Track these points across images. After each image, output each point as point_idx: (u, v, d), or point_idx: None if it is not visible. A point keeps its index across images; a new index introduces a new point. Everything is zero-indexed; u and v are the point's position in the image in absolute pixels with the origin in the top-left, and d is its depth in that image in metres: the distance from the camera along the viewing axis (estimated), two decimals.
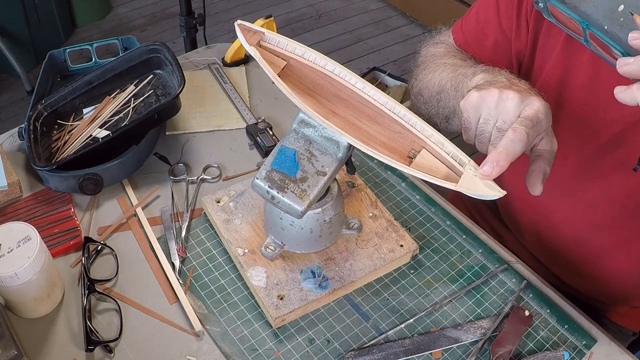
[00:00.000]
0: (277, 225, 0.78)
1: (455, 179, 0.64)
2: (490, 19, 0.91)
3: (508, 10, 0.87)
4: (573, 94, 0.82)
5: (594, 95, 0.79)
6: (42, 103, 0.97)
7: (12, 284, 0.69)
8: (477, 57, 0.92)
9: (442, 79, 0.87)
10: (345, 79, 0.72)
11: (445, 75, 0.87)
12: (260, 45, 0.72)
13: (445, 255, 0.86)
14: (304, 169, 0.71)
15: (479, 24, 0.93)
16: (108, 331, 0.74)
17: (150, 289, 0.79)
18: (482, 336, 0.75)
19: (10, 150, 0.96)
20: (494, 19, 0.90)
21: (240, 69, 1.15)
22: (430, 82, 0.90)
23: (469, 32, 0.94)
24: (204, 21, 1.83)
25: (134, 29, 2.82)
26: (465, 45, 0.94)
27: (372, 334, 0.76)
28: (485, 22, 0.92)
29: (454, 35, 0.97)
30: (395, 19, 2.99)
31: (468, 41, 0.94)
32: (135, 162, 0.94)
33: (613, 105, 0.75)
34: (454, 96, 0.82)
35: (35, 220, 0.84)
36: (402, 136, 0.69)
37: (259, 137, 0.99)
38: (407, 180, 0.95)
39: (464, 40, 0.94)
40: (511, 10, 0.87)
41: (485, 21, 0.91)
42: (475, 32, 0.93)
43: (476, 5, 0.95)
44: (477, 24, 0.93)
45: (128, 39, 1.14)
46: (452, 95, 0.83)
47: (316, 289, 0.77)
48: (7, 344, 0.67)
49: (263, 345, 0.74)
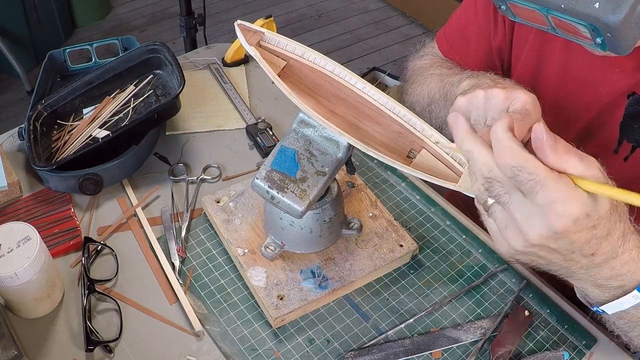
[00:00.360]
0: (277, 225, 0.78)
1: (455, 179, 0.64)
2: (470, 22, 0.92)
3: (485, 10, 0.88)
4: (548, 82, 0.82)
5: (569, 80, 0.79)
6: (42, 103, 0.97)
7: (12, 284, 0.69)
8: (463, 62, 0.93)
9: (430, 90, 0.88)
10: (345, 79, 0.72)
11: (433, 86, 0.87)
12: (260, 45, 0.72)
13: (445, 255, 0.86)
14: (303, 169, 0.71)
15: (460, 30, 0.94)
16: (108, 331, 0.74)
17: (150, 289, 0.79)
18: (482, 336, 0.75)
19: (10, 150, 0.96)
20: (474, 22, 0.91)
21: (240, 69, 1.15)
22: (420, 95, 0.91)
23: (452, 38, 0.95)
24: (204, 21, 1.83)
25: (134, 29, 2.82)
26: (449, 53, 0.96)
27: (372, 334, 0.76)
28: (465, 27, 0.93)
29: (438, 44, 0.98)
30: (395, 19, 2.99)
31: (452, 48, 0.95)
32: (135, 162, 0.94)
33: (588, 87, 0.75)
34: (443, 105, 0.83)
35: (35, 220, 0.84)
36: (402, 136, 0.69)
37: (259, 137, 0.99)
38: (407, 180, 0.95)
39: (449, 47, 0.96)
40: (487, 9, 0.87)
41: (466, 25, 0.93)
42: (457, 38, 0.95)
43: (457, 12, 0.96)
44: (458, 29, 0.95)
45: (128, 39, 1.14)
46: (442, 105, 0.83)
47: (316, 289, 0.77)
48: (7, 344, 0.67)
49: (263, 345, 0.74)
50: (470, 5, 0.92)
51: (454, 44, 0.95)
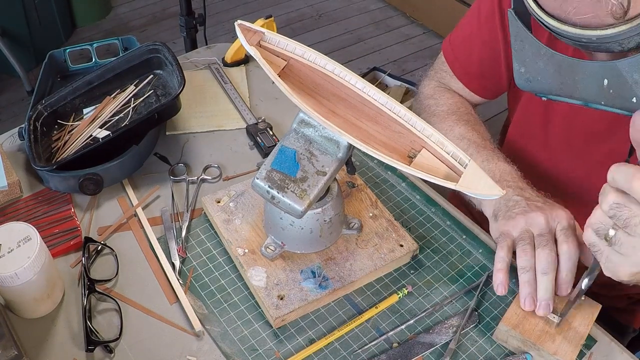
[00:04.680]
0: (277, 225, 0.78)
1: (456, 179, 0.64)
2: (473, 34, 0.93)
3: (488, 21, 0.89)
4: None
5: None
6: (42, 103, 0.97)
7: (12, 284, 0.69)
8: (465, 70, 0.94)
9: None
10: (345, 78, 0.72)
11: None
12: (261, 45, 0.72)
13: (446, 255, 0.86)
14: (304, 169, 0.71)
15: (464, 40, 0.95)
16: (108, 331, 0.74)
17: (151, 289, 0.79)
18: (454, 335, 0.76)
19: (10, 150, 0.96)
20: (477, 33, 0.92)
21: (241, 69, 1.15)
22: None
23: (457, 47, 0.96)
24: (204, 21, 1.83)
25: (134, 29, 2.82)
26: (453, 61, 0.97)
27: (372, 334, 0.76)
28: (470, 38, 0.94)
29: (443, 51, 0.99)
30: (395, 19, 2.99)
31: (456, 57, 0.96)
32: (136, 162, 0.94)
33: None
34: None
35: (35, 221, 0.84)
36: (402, 136, 0.69)
37: (259, 137, 0.99)
38: (407, 180, 0.95)
39: (453, 56, 0.97)
40: (492, 21, 0.88)
41: (470, 36, 0.94)
42: (462, 48, 0.96)
43: (463, 20, 0.97)
44: (462, 39, 0.96)
45: (128, 39, 1.14)
46: None
47: (316, 289, 0.77)
48: (7, 344, 0.67)
49: (263, 345, 0.74)
50: (474, 16, 0.93)
51: (458, 53, 0.96)
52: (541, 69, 0.67)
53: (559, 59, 0.65)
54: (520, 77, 0.71)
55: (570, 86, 0.66)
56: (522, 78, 0.70)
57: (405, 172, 0.73)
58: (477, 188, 0.63)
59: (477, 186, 0.63)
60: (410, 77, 2.47)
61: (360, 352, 0.74)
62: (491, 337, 0.76)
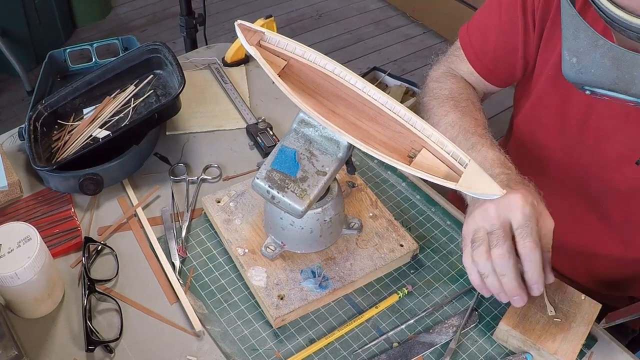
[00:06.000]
0: (278, 225, 0.78)
1: (456, 178, 0.64)
2: (492, 20, 0.92)
3: (510, 12, 0.88)
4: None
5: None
6: (42, 103, 0.97)
7: (12, 284, 0.69)
8: (478, 56, 0.94)
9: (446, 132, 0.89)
10: (346, 78, 0.71)
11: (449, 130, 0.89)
12: (261, 45, 0.72)
13: (446, 255, 0.86)
14: (304, 169, 0.71)
15: (481, 28, 0.95)
16: (108, 331, 0.74)
17: (151, 289, 0.79)
18: (454, 334, 0.76)
19: (10, 151, 0.96)
20: (498, 24, 0.91)
21: (241, 69, 1.15)
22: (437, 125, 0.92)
23: (473, 33, 0.96)
24: (204, 21, 1.83)
25: (134, 29, 2.82)
26: (467, 45, 0.96)
27: (373, 334, 0.76)
28: (486, 27, 0.94)
29: (460, 34, 0.98)
30: (395, 19, 2.99)
31: (471, 41, 0.96)
32: (136, 162, 0.94)
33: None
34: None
35: (35, 221, 0.84)
36: (402, 136, 0.69)
37: (259, 137, 0.99)
38: (407, 180, 0.95)
39: (468, 40, 0.96)
40: (514, 12, 0.87)
41: (487, 26, 0.93)
42: (477, 35, 0.95)
43: (481, 8, 0.96)
44: (479, 24, 0.95)
45: (128, 39, 1.14)
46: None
47: (316, 288, 0.77)
48: (7, 344, 0.67)
49: (263, 345, 0.74)
50: (494, 7, 0.92)
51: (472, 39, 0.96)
52: (597, 61, 0.64)
53: (618, 53, 0.62)
54: (572, 67, 0.67)
55: (627, 82, 0.63)
56: (573, 69, 0.67)
57: (405, 171, 0.73)
58: (477, 188, 0.63)
59: (477, 186, 0.63)
60: (410, 77, 2.47)
61: (361, 352, 0.74)
62: (491, 337, 0.76)
